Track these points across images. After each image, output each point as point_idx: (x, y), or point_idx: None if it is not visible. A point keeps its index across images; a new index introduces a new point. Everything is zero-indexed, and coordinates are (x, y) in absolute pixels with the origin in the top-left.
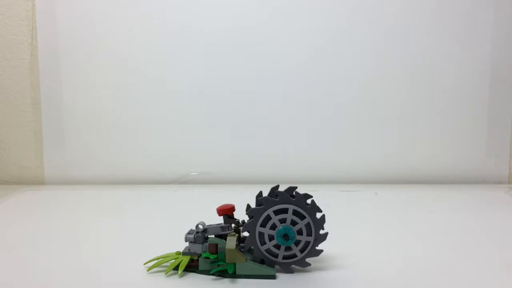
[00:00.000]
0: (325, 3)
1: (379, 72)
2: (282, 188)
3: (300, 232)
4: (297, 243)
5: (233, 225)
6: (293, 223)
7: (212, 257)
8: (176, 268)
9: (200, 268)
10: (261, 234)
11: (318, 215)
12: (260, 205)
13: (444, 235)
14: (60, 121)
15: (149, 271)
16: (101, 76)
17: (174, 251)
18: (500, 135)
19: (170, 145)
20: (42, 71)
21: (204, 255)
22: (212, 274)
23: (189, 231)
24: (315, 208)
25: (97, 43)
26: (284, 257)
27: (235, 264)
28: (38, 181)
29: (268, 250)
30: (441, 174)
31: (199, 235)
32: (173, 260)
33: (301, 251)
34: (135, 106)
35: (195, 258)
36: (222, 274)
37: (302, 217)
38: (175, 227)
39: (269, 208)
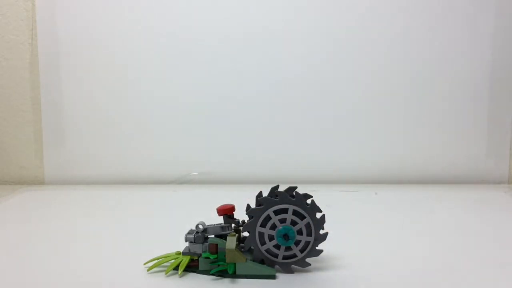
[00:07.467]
0: (327, 6)
1: (379, 72)
2: (282, 188)
3: (300, 232)
4: (297, 243)
5: (233, 225)
6: (293, 223)
7: (212, 257)
8: (176, 268)
9: (200, 268)
10: (261, 234)
11: (318, 215)
12: (260, 205)
13: (444, 235)
14: (60, 121)
15: (149, 271)
16: (101, 76)
17: (174, 251)
18: (500, 135)
19: (170, 145)
20: (42, 71)
21: (204, 255)
22: (212, 274)
23: (189, 231)
24: (315, 208)
25: (97, 43)
26: (284, 257)
27: (235, 264)
28: (38, 181)
29: (268, 250)
30: (441, 174)
31: (199, 235)
32: (173, 260)
33: (301, 251)
34: (135, 106)
35: (195, 258)
36: (222, 274)
37: (302, 217)
38: (175, 227)
39: (269, 208)
